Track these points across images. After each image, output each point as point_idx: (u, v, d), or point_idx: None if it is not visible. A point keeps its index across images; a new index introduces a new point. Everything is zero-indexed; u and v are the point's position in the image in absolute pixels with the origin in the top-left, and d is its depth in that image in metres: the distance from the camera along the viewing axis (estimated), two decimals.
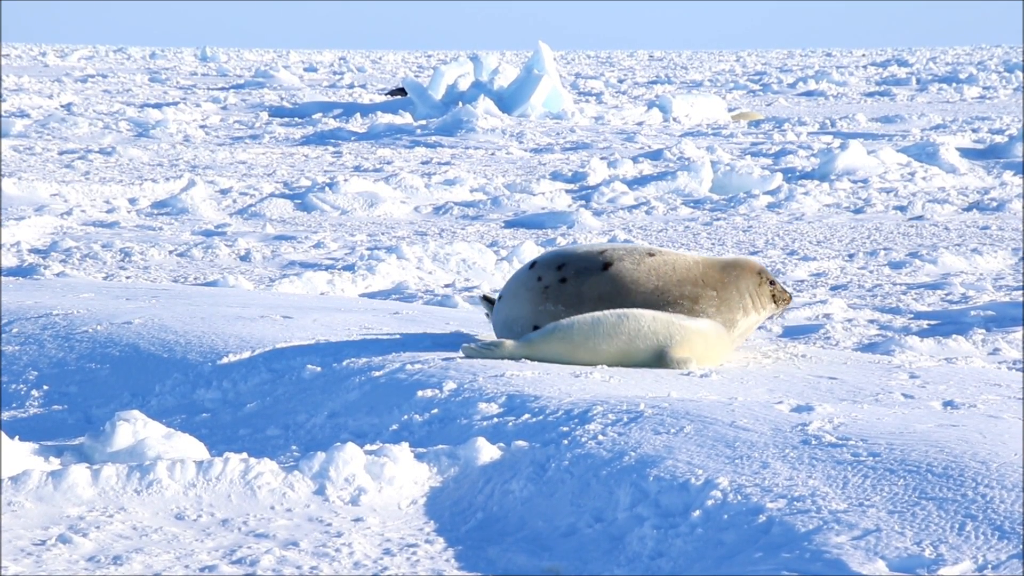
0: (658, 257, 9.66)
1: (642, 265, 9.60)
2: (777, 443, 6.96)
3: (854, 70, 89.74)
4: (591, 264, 9.64)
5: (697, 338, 9.18)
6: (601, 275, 9.60)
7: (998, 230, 21.16)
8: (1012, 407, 8.21)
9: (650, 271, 9.58)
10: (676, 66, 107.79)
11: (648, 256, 9.65)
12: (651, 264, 9.61)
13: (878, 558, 5.59)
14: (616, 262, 9.61)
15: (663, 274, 9.59)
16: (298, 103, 52.60)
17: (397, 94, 53.94)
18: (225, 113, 49.63)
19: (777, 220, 22.76)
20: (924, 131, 38.74)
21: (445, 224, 22.85)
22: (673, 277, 9.60)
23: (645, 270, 9.58)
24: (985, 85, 66.85)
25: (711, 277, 9.62)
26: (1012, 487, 6.09)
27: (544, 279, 9.65)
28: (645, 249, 9.71)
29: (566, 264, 9.68)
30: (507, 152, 34.73)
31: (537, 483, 7.04)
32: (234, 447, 8.20)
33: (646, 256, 9.65)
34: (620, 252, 9.69)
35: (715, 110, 46.83)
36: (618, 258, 9.64)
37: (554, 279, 9.64)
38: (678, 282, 9.59)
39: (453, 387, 8.44)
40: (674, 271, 9.61)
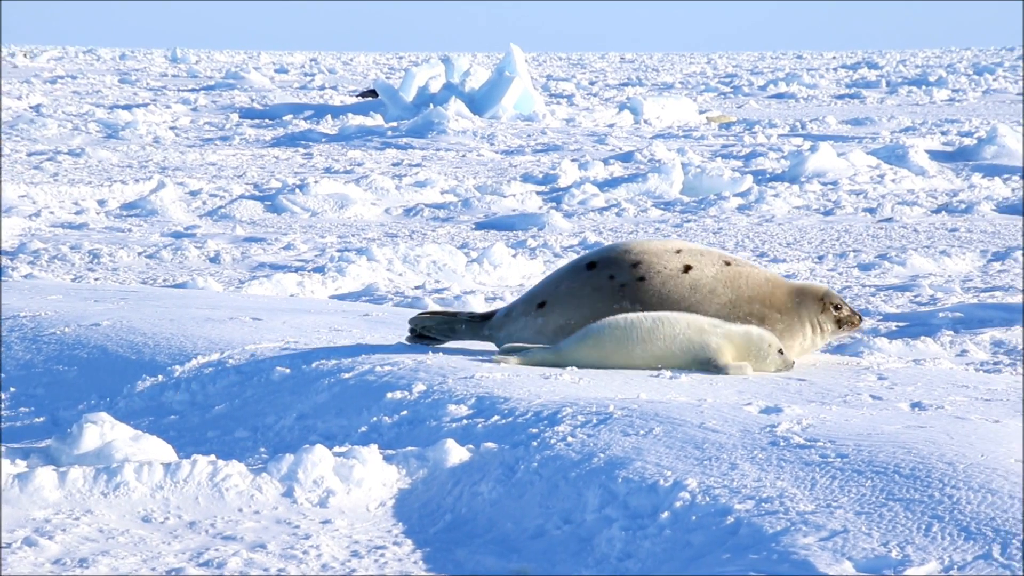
0: (734, 268, 9.50)
1: (721, 275, 9.50)
2: (746, 444, 6.97)
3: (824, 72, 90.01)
4: (670, 265, 9.53)
5: (739, 341, 9.11)
6: (681, 278, 9.50)
7: (967, 232, 21.24)
8: (979, 408, 8.24)
9: (727, 282, 9.48)
10: (647, 68, 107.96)
11: (725, 265, 9.54)
12: (728, 274, 9.51)
13: (845, 559, 5.61)
14: (696, 268, 9.50)
15: (737, 287, 9.47)
16: (268, 104, 52.49)
17: (368, 96, 53.86)
18: (195, 114, 49.50)
19: (747, 222, 22.81)
20: (894, 133, 38.88)
21: (416, 226, 22.83)
22: (745, 292, 9.48)
23: (723, 280, 9.48)
24: (954, 88, 67.13)
25: (778, 299, 9.51)
26: (978, 488, 6.12)
27: (618, 278, 9.40)
28: (721, 257, 9.59)
29: (641, 263, 9.52)
30: (478, 154, 34.72)
31: (506, 485, 7.03)
32: (202, 449, 8.17)
33: (724, 265, 9.54)
34: (697, 255, 9.51)
35: (686, 112, 46.90)
36: (698, 263, 9.50)
37: (630, 278, 9.43)
38: (749, 298, 9.48)
39: (422, 389, 8.43)
40: (747, 285, 9.48)
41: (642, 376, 8.91)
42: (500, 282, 17.17)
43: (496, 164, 32.51)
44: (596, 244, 20.04)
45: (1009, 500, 5.96)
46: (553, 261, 18.18)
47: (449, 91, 46.39)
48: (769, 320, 9.46)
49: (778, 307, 9.48)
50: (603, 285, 9.37)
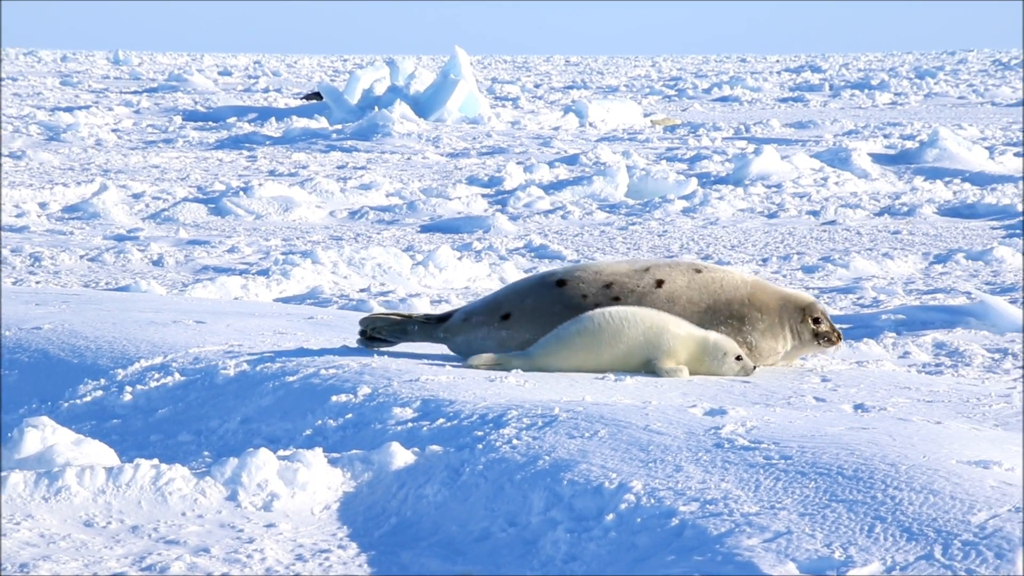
0: (706, 274, 9.52)
1: (694, 283, 9.51)
2: (690, 446, 6.99)
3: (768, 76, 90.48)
4: (641, 282, 9.51)
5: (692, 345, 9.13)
6: (656, 293, 9.49)
7: (909, 235, 21.39)
8: (921, 410, 8.30)
9: (702, 288, 9.50)
10: (592, 71, 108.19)
11: (696, 273, 9.55)
12: (701, 281, 9.52)
13: (789, 560, 5.63)
14: (668, 281, 9.51)
15: (713, 292, 9.49)
16: (212, 107, 52.26)
17: (313, 98, 53.71)
18: (138, 117, 49.21)
19: (692, 225, 22.88)
20: (837, 136, 39.11)
21: (361, 228, 22.78)
22: (722, 296, 9.50)
23: (697, 288, 9.50)
24: (896, 91, 67.63)
25: (760, 300, 9.52)
26: (920, 489, 6.16)
27: (591, 298, 9.39)
28: (691, 265, 9.62)
29: (614, 283, 9.49)
30: (423, 157, 34.69)
31: (451, 488, 7.02)
32: (145, 453, 8.12)
33: (694, 273, 9.55)
34: (666, 269, 9.54)
35: (631, 115, 47.02)
36: (668, 276, 9.52)
37: (605, 298, 9.40)
38: (727, 301, 9.49)
39: (368, 392, 8.41)
40: (722, 289, 9.50)
41: (587, 379, 8.93)
42: (446, 285, 17.16)
43: (441, 167, 32.49)
44: (542, 247, 20.07)
45: (950, 501, 6.01)
46: (499, 264, 18.18)
47: (394, 94, 46.33)
48: (750, 320, 9.48)
49: (760, 307, 9.51)
50: (578, 305, 9.38)
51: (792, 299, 9.60)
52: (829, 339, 9.60)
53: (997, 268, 17.86)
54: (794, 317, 9.54)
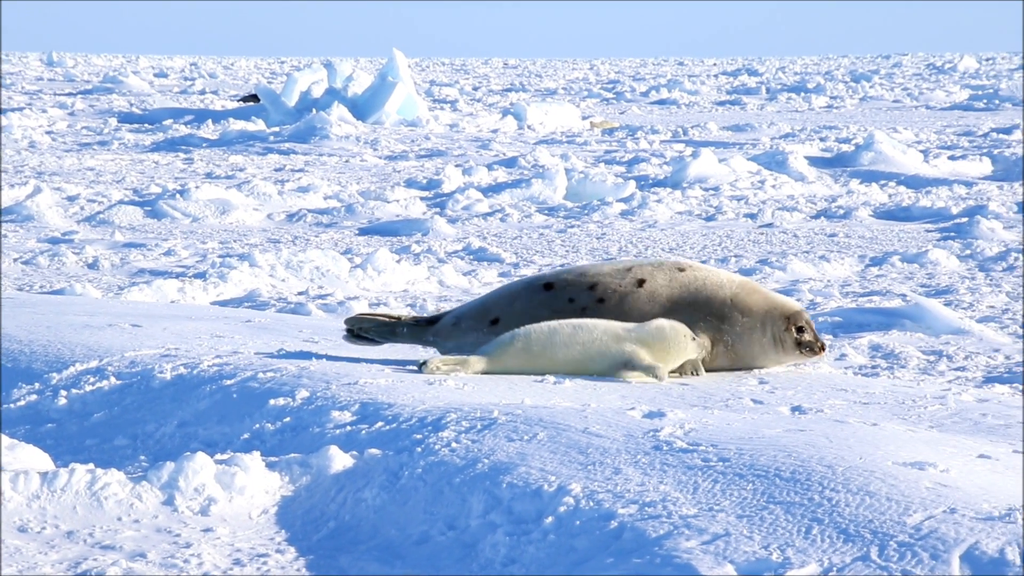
0: (688, 272, 9.57)
1: (675, 282, 9.53)
2: (629, 449, 7.00)
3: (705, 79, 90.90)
4: (623, 282, 9.53)
5: (651, 342, 9.16)
6: (637, 293, 9.52)
7: (845, 237, 21.54)
8: (857, 412, 8.35)
9: (682, 287, 9.51)
10: (530, 74, 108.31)
11: (679, 271, 9.57)
12: (683, 280, 9.54)
13: (727, 562, 5.65)
14: (649, 280, 9.53)
15: (694, 290, 9.51)
16: (148, 109, 51.94)
17: (250, 100, 53.48)
18: (72, 119, 48.82)
19: (630, 227, 22.94)
20: (773, 140, 39.33)
21: (299, 231, 22.70)
22: (703, 294, 9.52)
23: (677, 286, 9.52)
24: (832, 95, 68.09)
25: (743, 302, 9.54)
26: (857, 491, 6.19)
27: (579, 301, 9.51)
28: (674, 264, 9.63)
29: (598, 284, 9.56)
30: (361, 159, 34.61)
31: (390, 491, 7.00)
32: (80, 458, 8.05)
33: (677, 272, 9.57)
34: (648, 268, 9.58)
35: (569, 118, 47.10)
36: (649, 275, 9.55)
37: (590, 300, 9.51)
38: (707, 299, 9.52)
39: (306, 395, 8.37)
40: (704, 287, 9.52)
41: (526, 381, 8.93)
42: (384, 288, 17.12)
43: (380, 169, 32.42)
44: (480, 249, 20.06)
45: (887, 502, 6.05)
46: (437, 267, 18.15)
47: (332, 96, 46.19)
48: (731, 320, 9.50)
49: (742, 309, 9.52)
50: (564, 308, 9.49)
51: (779, 306, 9.60)
52: (811, 349, 9.60)
53: (932, 271, 18.00)
54: (778, 324, 9.55)
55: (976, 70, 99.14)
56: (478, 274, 18.00)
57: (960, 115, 51.51)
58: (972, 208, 24.26)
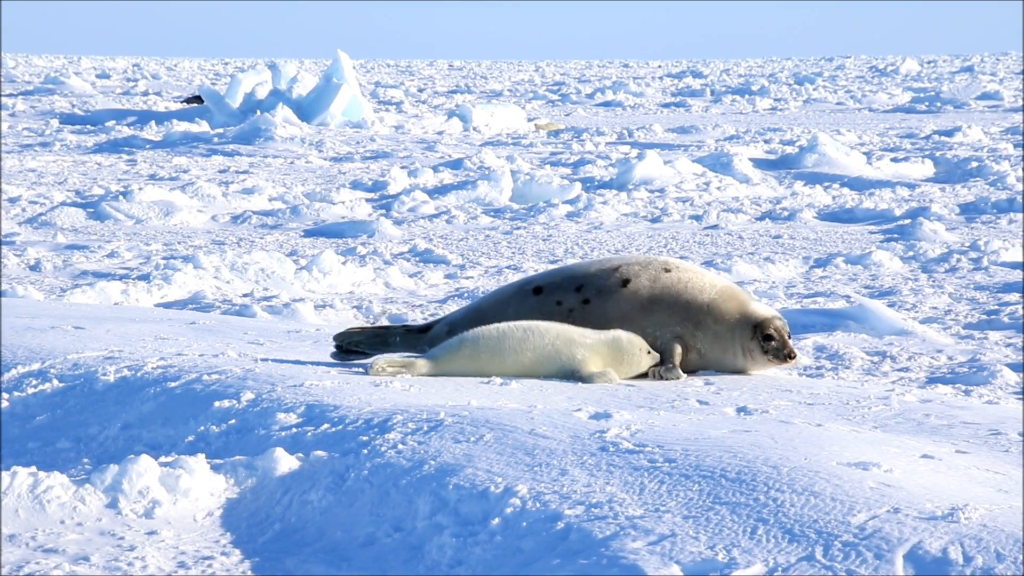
0: (674, 273, 9.52)
1: (658, 283, 9.50)
2: (576, 450, 7.00)
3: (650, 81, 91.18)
4: (609, 282, 9.53)
5: (604, 350, 9.17)
6: (620, 293, 9.50)
7: (789, 239, 21.65)
8: (802, 412, 8.39)
9: (664, 289, 9.49)
10: (476, 76, 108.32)
11: (665, 272, 9.54)
12: (667, 281, 9.51)
13: (673, 562, 5.66)
14: (633, 279, 9.50)
15: (675, 292, 9.46)
16: (90, 110, 51.60)
17: (193, 102, 53.22)
18: (13, 120, 48.44)
19: (576, 229, 22.98)
20: (718, 142, 39.49)
21: (243, 233, 22.60)
22: (682, 298, 9.47)
23: (660, 288, 9.49)
24: (776, 97, 68.43)
25: (719, 308, 9.48)
26: (802, 491, 6.22)
27: (566, 303, 9.50)
28: (662, 264, 9.59)
29: (585, 285, 9.55)
30: (306, 161, 34.50)
31: (336, 493, 6.98)
32: (23, 461, 7.98)
33: (663, 272, 9.54)
34: (636, 268, 9.54)
35: (515, 120, 47.13)
36: (635, 275, 9.51)
37: (576, 302, 9.50)
38: (686, 303, 9.48)
39: (251, 397, 8.34)
40: (685, 290, 9.48)
41: (473, 383, 8.93)
42: (330, 289, 17.07)
43: (325, 171, 32.33)
44: (427, 251, 20.04)
45: (831, 502, 6.08)
46: (383, 268, 18.12)
47: (276, 97, 46.03)
48: (704, 326, 9.48)
49: (716, 316, 9.48)
50: (552, 311, 9.51)
51: (750, 314, 9.54)
52: (778, 356, 9.54)
53: (875, 272, 18.12)
54: (745, 332, 9.52)
55: (918, 73, 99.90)
56: (424, 276, 17.98)
57: (902, 117, 51.89)
58: (915, 210, 24.44)
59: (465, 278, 17.95)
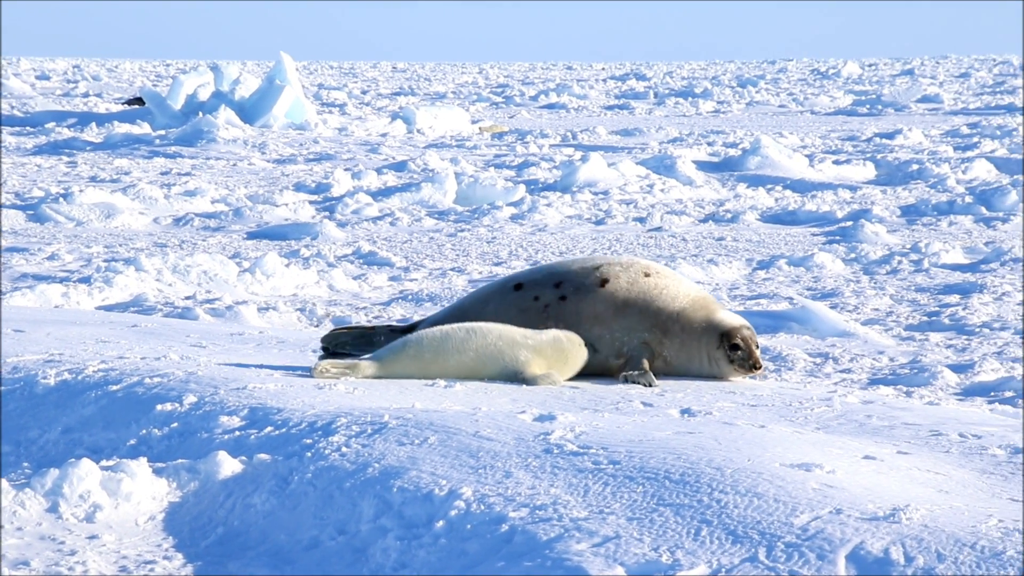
0: (652, 279, 9.47)
1: (635, 286, 9.46)
2: (520, 452, 7.01)
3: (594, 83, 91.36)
4: (588, 281, 9.50)
5: (547, 351, 9.17)
6: (596, 293, 9.47)
7: (732, 241, 21.74)
8: (745, 414, 8.43)
9: (640, 293, 9.45)
10: (419, 78, 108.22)
11: (644, 276, 9.50)
12: (644, 286, 9.46)
13: (617, 564, 5.67)
14: (612, 280, 9.47)
15: (649, 298, 9.42)
16: (30, 112, 51.17)
17: (134, 103, 52.86)
18: None
19: (520, 231, 22.99)
20: (662, 144, 39.61)
21: (186, 235, 22.48)
22: (654, 304, 9.43)
23: (637, 292, 9.45)
24: (719, 100, 68.72)
25: (687, 318, 9.43)
26: (745, 492, 6.25)
27: (543, 298, 9.48)
28: (643, 268, 9.53)
29: (564, 282, 9.52)
30: (249, 163, 34.36)
31: (280, 496, 6.95)
32: None
33: (642, 275, 9.50)
34: (617, 269, 9.51)
35: (458, 122, 47.11)
36: (614, 276, 9.48)
37: (554, 298, 9.47)
38: (656, 310, 9.44)
39: (194, 400, 8.29)
40: (659, 297, 9.43)
41: (417, 385, 8.92)
42: (273, 292, 17.01)
43: (268, 173, 32.21)
44: (371, 253, 20.00)
45: (774, 504, 6.10)
46: (327, 271, 18.06)
47: (218, 99, 45.80)
48: (671, 334, 9.44)
49: (684, 325, 9.45)
50: (529, 307, 9.52)
51: (717, 323, 9.50)
52: (743, 365, 9.51)
53: (818, 274, 18.23)
54: (712, 341, 9.49)
55: (859, 76, 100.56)
56: (368, 278, 17.93)
57: (844, 120, 52.22)
58: (856, 212, 24.60)
59: (409, 280, 17.93)
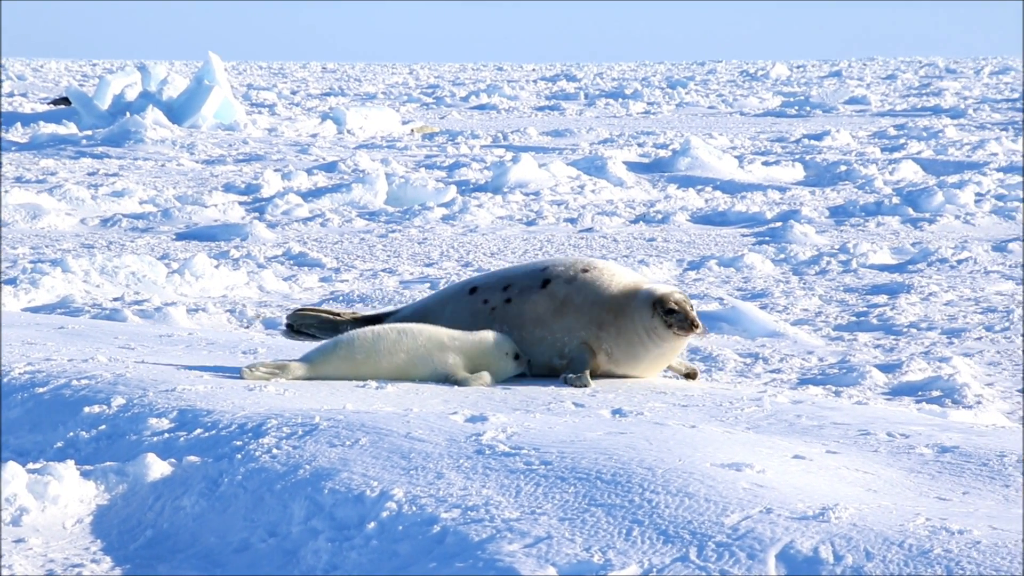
0: (591, 274, 9.41)
1: (574, 283, 9.41)
2: (452, 453, 7.00)
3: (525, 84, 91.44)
4: (532, 282, 9.46)
5: (473, 352, 9.16)
6: (540, 293, 9.44)
7: (663, 242, 21.82)
8: (676, 414, 8.45)
9: (580, 289, 9.39)
10: (349, 78, 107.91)
11: (583, 272, 9.43)
12: (582, 281, 9.41)
13: (549, 565, 5.67)
14: (553, 280, 9.43)
15: (588, 293, 9.35)
16: None
17: (60, 103, 52.38)
18: None
19: (452, 232, 22.98)
20: (592, 145, 39.71)
21: (113, 236, 22.30)
22: (591, 298, 9.34)
23: (576, 288, 9.40)
24: (649, 101, 68.97)
25: (617, 303, 9.31)
26: (676, 492, 6.27)
27: (491, 301, 9.48)
28: (582, 265, 9.45)
29: (512, 284, 9.50)
30: (178, 163, 34.13)
31: (209, 498, 6.91)
32: None
33: (580, 272, 9.44)
34: (560, 268, 9.47)
35: (389, 123, 47.02)
36: (555, 276, 9.44)
37: (500, 300, 9.46)
38: (592, 303, 9.39)
39: (122, 402, 8.22)
40: (595, 290, 9.36)
41: (348, 387, 8.89)
42: (202, 293, 16.90)
43: (197, 174, 32.01)
44: (301, 254, 19.91)
45: (705, 503, 6.13)
46: (257, 272, 17.97)
47: (146, 99, 45.47)
48: (606, 325, 9.40)
49: (615, 311, 9.35)
50: (479, 310, 9.54)
51: (645, 295, 9.29)
52: (682, 326, 9.23)
53: (748, 274, 18.33)
54: (645, 313, 9.29)
55: (788, 77, 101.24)
56: (298, 279, 17.86)
57: (773, 121, 52.56)
58: (785, 213, 24.76)
59: (340, 281, 17.87)
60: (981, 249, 19.80)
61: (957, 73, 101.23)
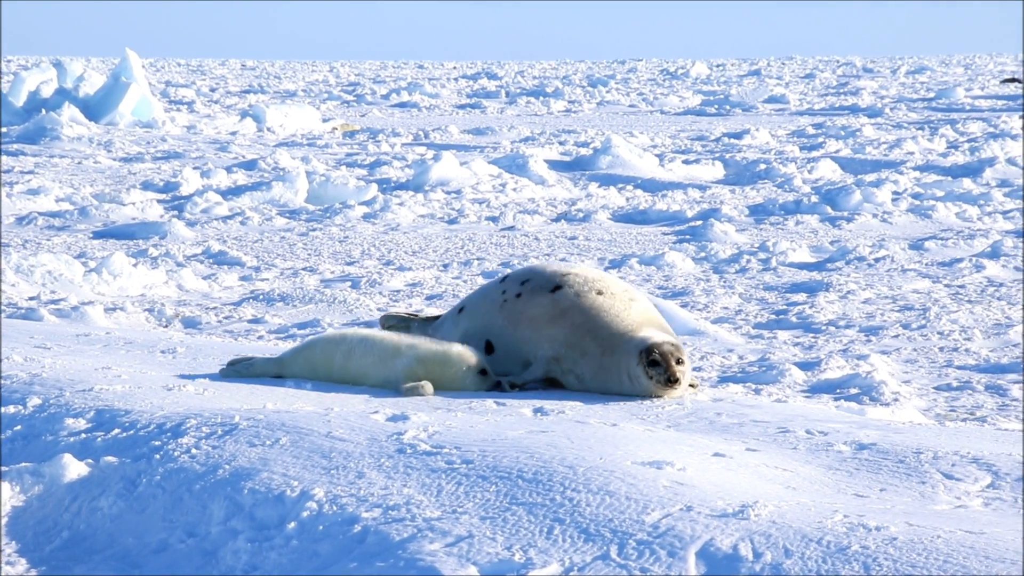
0: (604, 298, 9.32)
1: (582, 300, 9.32)
2: (373, 453, 6.98)
3: (446, 82, 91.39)
4: (545, 284, 9.43)
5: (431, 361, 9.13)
6: (545, 296, 9.40)
7: (585, 240, 21.88)
8: (597, 412, 8.48)
9: (580, 310, 9.29)
10: (269, 76, 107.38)
11: (597, 293, 9.35)
12: (590, 303, 9.32)
13: (471, 564, 5.67)
14: (565, 288, 9.38)
15: (590, 317, 9.26)
16: None
17: None
18: None
19: (373, 230, 22.91)
20: (514, 143, 39.74)
21: (29, 235, 22.05)
22: (587, 325, 9.25)
23: (579, 307, 9.29)
24: (571, 99, 69.13)
25: (609, 342, 9.17)
26: (597, 490, 6.28)
27: (507, 293, 9.52)
28: (600, 285, 9.36)
29: (530, 280, 9.50)
30: (95, 161, 33.81)
31: (127, 499, 6.85)
32: None
33: (595, 292, 9.36)
34: (578, 279, 9.41)
35: (310, 120, 46.83)
36: (568, 284, 9.39)
37: (513, 293, 9.49)
38: (586, 331, 9.25)
39: (38, 403, 8.14)
40: (596, 319, 9.25)
41: (268, 386, 8.85)
42: (120, 292, 16.75)
43: (114, 172, 31.73)
44: (220, 253, 19.79)
45: (626, 501, 6.14)
46: (176, 270, 17.84)
47: (62, 96, 45.01)
48: (589, 355, 9.23)
49: (605, 348, 9.23)
50: (495, 298, 9.60)
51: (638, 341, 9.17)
52: (660, 380, 9.03)
53: (669, 272, 18.41)
54: (631, 360, 9.13)
55: (707, 76, 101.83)
56: (218, 278, 17.74)
57: (693, 120, 52.84)
58: (706, 211, 24.90)
59: (260, 280, 17.77)
60: (898, 247, 20.01)
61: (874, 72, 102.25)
